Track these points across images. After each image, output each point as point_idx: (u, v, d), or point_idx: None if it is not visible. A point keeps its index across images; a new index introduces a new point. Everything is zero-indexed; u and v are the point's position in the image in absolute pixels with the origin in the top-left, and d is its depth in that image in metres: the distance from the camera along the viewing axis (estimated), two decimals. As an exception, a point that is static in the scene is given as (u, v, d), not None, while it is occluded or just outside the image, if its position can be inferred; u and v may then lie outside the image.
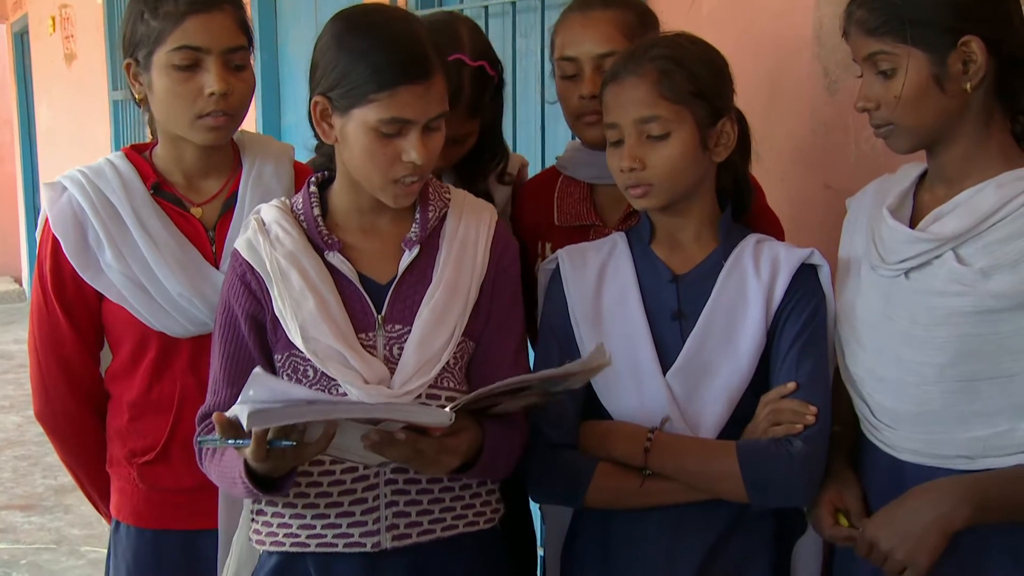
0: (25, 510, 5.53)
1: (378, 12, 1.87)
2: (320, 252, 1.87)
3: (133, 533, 2.20)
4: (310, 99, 1.85)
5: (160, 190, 2.14)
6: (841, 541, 1.84)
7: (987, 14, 1.72)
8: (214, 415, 1.65)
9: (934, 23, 1.69)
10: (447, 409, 1.66)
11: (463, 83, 2.17)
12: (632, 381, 1.89)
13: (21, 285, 12.33)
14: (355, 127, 1.79)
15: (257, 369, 1.70)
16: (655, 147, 1.86)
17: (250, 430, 1.58)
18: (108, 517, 2.29)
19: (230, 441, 1.64)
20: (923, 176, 1.86)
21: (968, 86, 1.71)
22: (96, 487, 2.29)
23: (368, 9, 1.89)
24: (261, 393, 1.58)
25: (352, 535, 1.83)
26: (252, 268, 1.86)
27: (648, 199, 1.89)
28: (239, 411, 1.56)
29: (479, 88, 2.20)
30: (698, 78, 1.87)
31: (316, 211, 1.88)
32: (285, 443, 1.62)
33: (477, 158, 2.30)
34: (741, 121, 1.98)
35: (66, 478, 5.75)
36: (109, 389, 2.22)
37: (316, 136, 1.89)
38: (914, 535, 1.70)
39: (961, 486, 1.71)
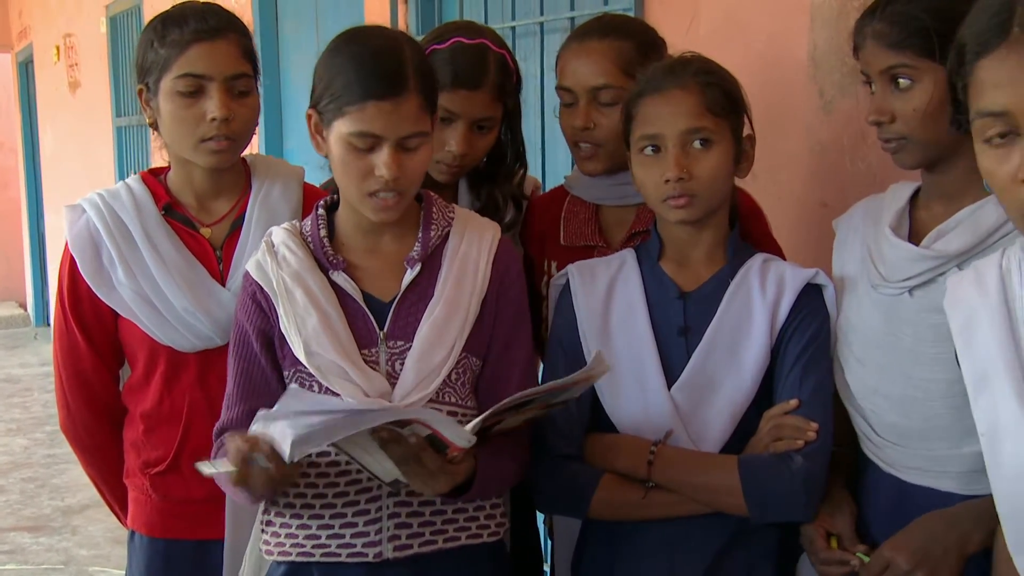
0: (33, 531, 5.53)
1: (371, 30, 1.94)
2: (325, 271, 1.91)
3: (146, 542, 2.28)
4: None
5: (171, 211, 2.22)
6: (832, 566, 1.84)
7: None
8: (261, 442, 1.68)
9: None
10: (467, 430, 1.69)
11: (488, 65, 2.23)
12: (637, 395, 1.91)
13: (26, 310, 12.34)
14: (334, 139, 1.84)
15: (293, 386, 1.78)
16: (700, 158, 1.88)
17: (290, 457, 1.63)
18: (128, 527, 2.36)
19: (226, 469, 1.70)
20: (914, 195, 1.87)
21: None
22: (116, 497, 2.37)
23: (365, 27, 1.95)
24: (297, 406, 1.62)
25: (355, 545, 1.87)
26: (261, 287, 1.91)
27: (689, 210, 1.89)
28: (279, 438, 1.62)
29: (502, 73, 2.26)
30: (732, 94, 1.91)
31: (323, 232, 1.93)
32: (263, 464, 1.67)
33: (500, 158, 2.35)
34: None
35: (73, 499, 5.80)
36: (126, 403, 2.29)
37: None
38: (934, 557, 1.70)
39: (978, 508, 1.70)
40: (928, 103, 1.72)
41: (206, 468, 1.75)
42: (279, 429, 1.64)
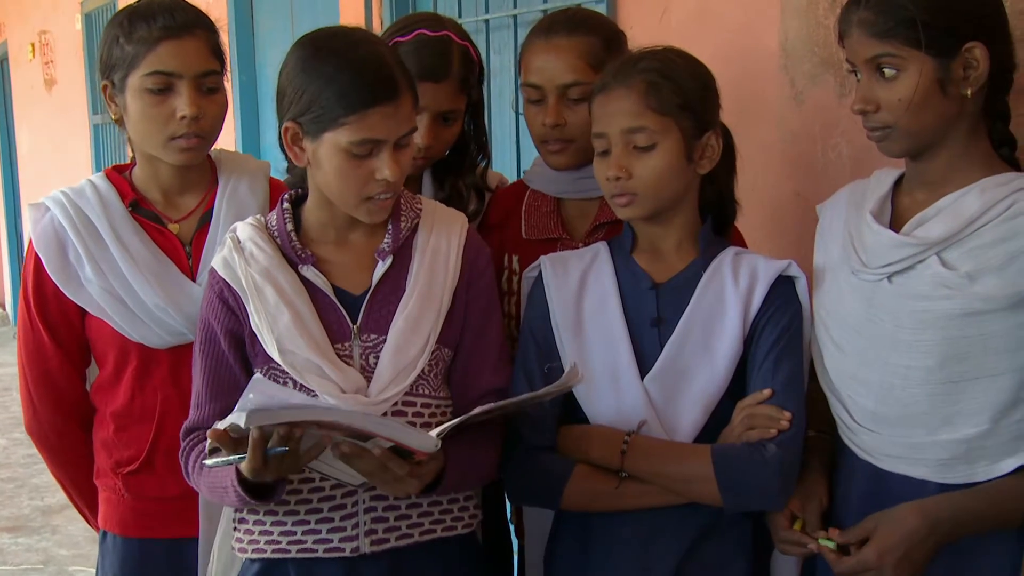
0: (12, 532, 5.51)
1: (341, 36, 1.89)
2: (294, 267, 1.90)
3: (119, 542, 2.26)
4: (279, 125, 1.88)
5: (138, 207, 2.20)
6: (790, 545, 1.85)
7: (992, 22, 1.73)
8: (212, 432, 1.68)
9: (944, 28, 1.69)
10: (433, 435, 1.69)
11: (452, 57, 2.23)
12: (611, 386, 1.91)
13: (5, 310, 12.29)
14: (327, 150, 1.82)
15: (257, 375, 1.76)
16: (641, 157, 1.88)
17: (246, 434, 1.61)
18: (97, 528, 2.34)
19: (234, 457, 1.68)
20: (897, 181, 1.87)
21: (968, 92, 1.71)
22: (84, 499, 2.35)
23: (331, 33, 1.91)
24: (261, 397, 1.62)
25: (332, 540, 1.86)
26: (228, 285, 1.90)
27: (632, 208, 1.91)
28: (236, 416, 1.60)
29: (466, 65, 2.27)
30: (685, 91, 1.89)
31: (289, 227, 1.92)
32: (280, 449, 1.65)
33: (463, 149, 2.36)
34: (727, 136, 2.01)
35: (53, 499, 5.77)
36: (95, 402, 2.27)
37: (287, 160, 1.92)
38: (900, 549, 1.71)
39: (953, 502, 1.72)
40: (913, 93, 1.72)
41: (212, 462, 1.73)
42: (241, 404, 1.63)
